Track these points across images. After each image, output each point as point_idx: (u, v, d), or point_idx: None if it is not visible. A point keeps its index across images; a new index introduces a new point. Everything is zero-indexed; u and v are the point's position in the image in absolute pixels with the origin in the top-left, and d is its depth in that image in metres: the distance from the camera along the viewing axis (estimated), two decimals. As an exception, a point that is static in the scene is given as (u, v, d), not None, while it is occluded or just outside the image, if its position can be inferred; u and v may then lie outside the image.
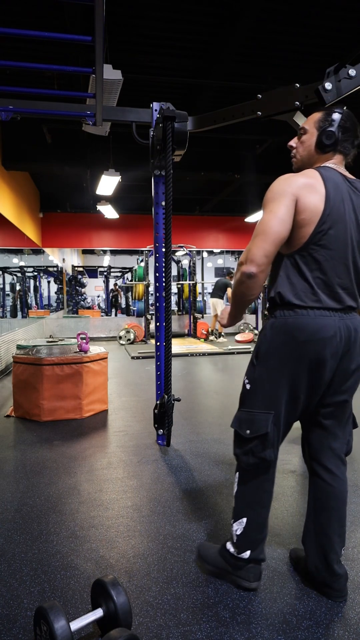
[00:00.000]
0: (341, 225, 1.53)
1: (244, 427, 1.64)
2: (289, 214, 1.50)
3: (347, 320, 1.57)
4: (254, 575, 1.71)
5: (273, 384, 1.60)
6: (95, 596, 1.53)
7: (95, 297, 22.19)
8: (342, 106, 1.70)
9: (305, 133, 1.70)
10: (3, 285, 14.10)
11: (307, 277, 1.54)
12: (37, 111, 3.11)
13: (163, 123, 2.92)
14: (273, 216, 1.49)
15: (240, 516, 1.69)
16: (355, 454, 3.12)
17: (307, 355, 1.54)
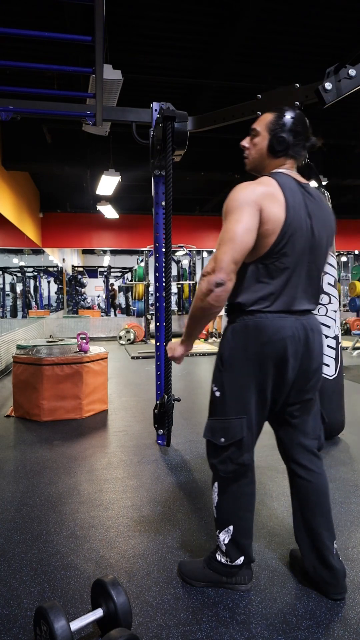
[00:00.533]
0: (299, 233, 1.55)
1: (218, 435, 1.62)
2: (254, 224, 1.49)
3: (303, 321, 1.61)
4: (248, 577, 1.73)
5: (242, 388, 1.60)
6: (95, 596, 1.53)
7: (95, 297, 22.19)
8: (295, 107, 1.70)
9: (257, 135, 1.69)
10: (3, 285, 14.10)
11: (268, 284, 1.56)
12: (37, 111, 3.11)
13: (163, 123, 2.92)
14: (240, 225, 1.48)
15: (226, 525, 1.68)
16: (355, 454, 3.12)
17: (270, 356, 1.56)
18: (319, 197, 1.67)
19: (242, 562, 1.69)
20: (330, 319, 3.25)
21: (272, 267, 1.55)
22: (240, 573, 1.71)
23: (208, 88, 5.38)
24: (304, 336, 1.59)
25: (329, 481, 2.65)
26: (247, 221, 1.48)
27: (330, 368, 3.26)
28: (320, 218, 1.63)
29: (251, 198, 1.50)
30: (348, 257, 17.17)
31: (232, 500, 1.68)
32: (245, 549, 1.69)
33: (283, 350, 1.56)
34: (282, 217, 1.51)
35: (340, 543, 2.02)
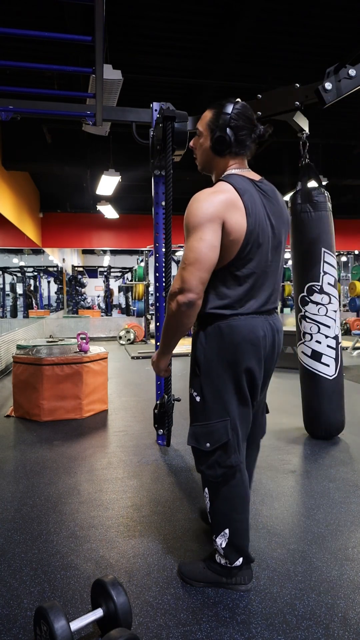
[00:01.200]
0: (261, 236, 1.57)
1: (203, 441, 1.62)
2: (218, 239, 1.50)
3: (271, 321, 1.66)
4: (248, 577, 1.73)
5: (221, 390, 1.60)
6: (95, 596, 1.53)
7: (95, 297, 22.20)
8: (234, 99, 1.63)
9: (201, 136, 1.69)
10: (3, 285, 14.10)
11: (235, 289, 1.57)
12: (37, 111, 3.11)
13: (163, 123, 2.92)
14: (204, 244, 1.48)
15: (222, 529, 1.67)
16: (355, 454, 3.12)
17: (245, 356, 1.58)
18: (273, 192, 1.68)
19: (241, 563, 1.69)
20: (330, 319, 3.25)
21: (238, 273, 1.56)
22: (240, 574, 1.72)
23: (208, 88, 5.38)
24: (271, 335, 1.65)
25: (328, 481, 2.66)
26: (210, 239, 1.48)
27: (330, 368, 3.26)
28: (277, 214, 1.65)
29: (211, 212, 1.49)
30: (348, 257, 17.17)
31: (225, 504, 1.66)
32: (243, 550, 1.69)
33: (257, 349, 1.60)
34: (244, 225, 1.52)
35: (340, 543, 2.02)
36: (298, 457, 3.09)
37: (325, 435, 3.36)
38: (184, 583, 1.76)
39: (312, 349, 3.29)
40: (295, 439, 3.45)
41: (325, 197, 3.26)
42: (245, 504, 1.69)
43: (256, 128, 1.63)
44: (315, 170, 3.37)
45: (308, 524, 2.20)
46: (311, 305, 3.27)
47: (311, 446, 3.28)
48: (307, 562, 1.89)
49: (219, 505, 1.67)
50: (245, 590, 1.71)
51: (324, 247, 3.24)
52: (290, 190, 7.58)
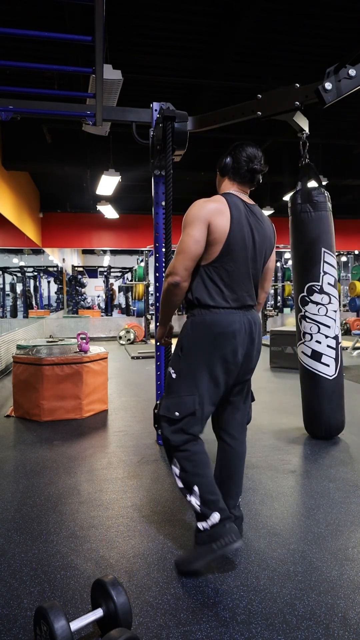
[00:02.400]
0: (242, 243, 1.88)
1: (173, 410, 1.87)
2: (203, 236, 1.83)
3: (248, 316, 1.94)
4: (235, 533, 1.77)
5: (195, 371, 1.88)
6: (95, 596, 1.53)
7: (95, 297, 22.19)
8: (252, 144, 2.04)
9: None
10: (3, 285, 14.09)
11: (218, 283, 1.88)
12: (37, 111, 3.11)
13: (163, 123, 2.92)
14: (190, 238, 1.82)
15: (191, 487, 1.83)
16: (355, 454, 3.12)
17: (222, 345, 1.86)
18: (262, 215, 2.02)
19: (219, 518, 1.78)
20: (330, 319, 3.25)
21: (221, 270, 1.87)
22: (225, 532, 1.76)
23: (208, 88, 5.38)
24: (248, 328, 1.92)
25: (328, 481, 2.66)
26: (196, 234, 1.83)
27: (330, 368, 3.26)
28: (261, 233, 1.97)
29: (202, 214, 1.84)
30: (348, 257, 17.17)
31: (189, 464, 1.86)
32: (215, 503, 1.81)
33: (233, 341, 1.87)
34: (226, 228, 1.84)
35: (340, 543, 2.02)
36: (298, 457, 3.09)
37: (325, 435, 3.36)
38: (184, 582, 1.76)
39: (312, 349, 3.29)
40: (295, 439, 3.45)
41: (325, 197, 3.26)
42: (207, 466, 1.89)
43: (251, 163, 1.98)
44: (315, 170, 3.37)
45: (308, 524, 2.20)
46: (311, 305, 3.27)
47: (311, 446, 3.28)
48: (307, 562, 1.89)
49: (185, 466, 1.86)
50: (239, 548, 1.85)
51: (324, 247, 3.24)
52: (290, 190, 7.59)
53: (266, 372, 6.31)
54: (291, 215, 3.38)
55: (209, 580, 1.77)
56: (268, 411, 4.24)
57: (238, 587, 1.73)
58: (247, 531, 2.13)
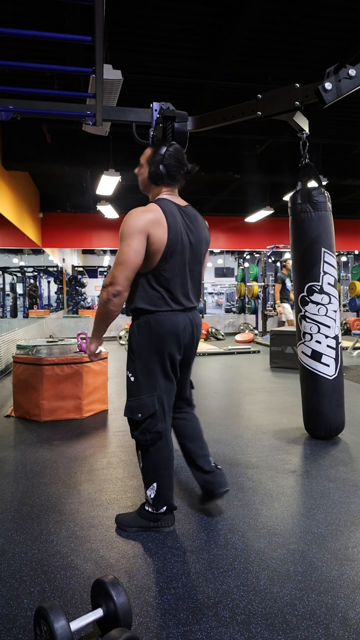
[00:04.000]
0: (180, 249, 2.00)
1: (136, 412, 2.03)
2: (142, 247, 1.92)
3: (190, 316, 2.10)
4: (171, 521, 2.13)
5: (150, 371, 2.03)
6: (95, 596, 1.53)
7: (95, 297, 22.19)
8: (170, 144, 2.11)
9: (141, 167, 2.16)
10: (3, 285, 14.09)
11: (158, 289, 2.00)
12: (37, 111, 3.11)
13: (163, 123, 2.92)
14: (130, 249, 1.91)
15: (151, 482, 2.07)
16: (355, 454, 3.12)
17: (168, 344, 2.02)
18: (195, 215, 2.14)
19: (165, 510, 2.09)
20: (330, 319, 3.25)
21: (161, 277, 1.99)
22: (164, 518, 2.11)
23: (208, 88, 5.38)
24: (191, 328, 2.09)
25: (328, 481, 2.66)
26: (136, 246, 1.91)
27: (330, 368, 3.26)
28: (197, 233, 2.10)
29: (140, 225, 1.92)
30: (348, 257, 17.17)
31: (152, 463, 2.07)
32: (167, 499, 2.09)
33: (178, 339, 2.03)
34: (164, 239, 1.94)
35: (340, 543, 2.02)
36: (298, 457, 3.09)
37: (325, 435, 3.36)
38: (186, 581, 1.76)
39: (312, 349, 3.29)
40: (295, 439, 3.45)
41: (325, 197, 3.26)
42: (170, 462, 2.11)
43: (184, 167, 2.10)
44: (315, 170, 3.37)
45: (308, 524, 2.20)
46: (311, 305, 3.27)
47: (311, 446, 3.28)
48: (307, 562, 1.89)
49: (148, 464, 2.08)
50: (169, 532, 2.10)
51: (324, 247, 3.24)
52: (290, 190, 7.60)
53: (266, 372, 6.31)
54: (291, 215, 3.38)
55: (209, 580, 1.78)
56: (268, 411, 4.24)
57: (238, 587, 1.73)
58: (247, 531, 2.13)
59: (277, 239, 11.26)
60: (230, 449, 3.22)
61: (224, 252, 22.47)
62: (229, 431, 3.64)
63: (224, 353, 8.11)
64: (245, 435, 3.54)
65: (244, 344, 9.16)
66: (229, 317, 11.91)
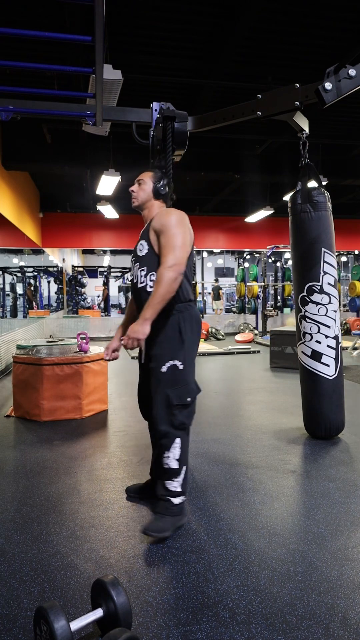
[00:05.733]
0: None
1: (185, 397, 2.11)
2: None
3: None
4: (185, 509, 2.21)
5: (193, 357, 2.19)
6: (95, 596, 1.53)
7: (95, 297, 22.18)
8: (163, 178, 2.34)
9: (144, 183, 2.32)
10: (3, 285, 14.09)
11: (185, 282, 2.16)
12: (37, 111, 3.11)
13: (163, 123, 2.92)
14: (187, 235, 2.10)
15: (183, 467, 2.12)
16: (355, 454, 3.12)
17: (200, 330, 2.22)
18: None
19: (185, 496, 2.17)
20: (330, 319, 3.25)
21: (187, 270, 2.15)
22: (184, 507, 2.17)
23: (208, 88, 5.38)
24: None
25: (328, 481, 2.66)
26: (188, 233, 2.13)
27: (330, 368, 3.26)
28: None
29: (186, 220, 2.15)
30: (348, 257, 17.17)
31: (186, 446, 2.16)
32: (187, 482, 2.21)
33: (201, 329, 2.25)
34: (193, 238, 2.19)
35: (340, 543, 2.02)
36: (298, 457, 3.09)
37: (325, 435, 3.36)
38: (186, 581, 1.76)
39: (312, 349, 3.29)
40: (295, 439, 3.45)
41: (325, 197, 3.26)
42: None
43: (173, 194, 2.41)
44: (315, 170, 3.37)
45: (308, 524, 2.20)
46: (311, 305, 3.27)
47: (311, 446, 3.28)
48: (307, 562, 1.89)
49: (184, 449, 2.13)
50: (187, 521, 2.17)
51: (324, 247, 3.24)
52: (290, 190, 7.59)
53: (266, 372, 6.31)
54: (291, 215, 3.38)
55: (209, 580, 1.78)
56: (268, 411, 4.24)
57: (238, 587, 1.73)
58: (247, 531, 2.13)
59: (277, 239, 11.26)
60: (230, 449, 3.22)
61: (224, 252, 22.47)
62: (229, 431, 3.64)
63: (224, 353, 8.11)
64: (245, 435, 3.54)
65: (244, 344, 9.16)
66: (229, 317, 11.91)
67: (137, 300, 2.28)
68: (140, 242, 2.25)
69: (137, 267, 2.24)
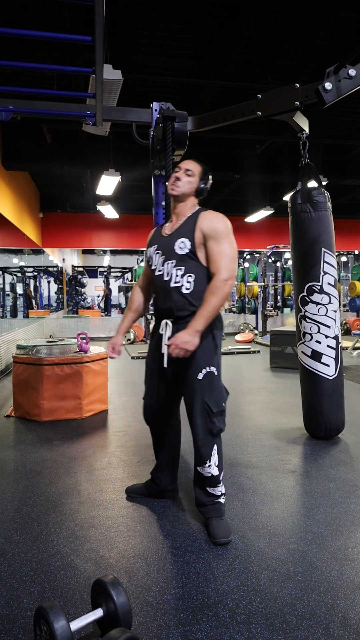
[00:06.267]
0: None
1: (221, 402, 2.11)
2: None
3: None
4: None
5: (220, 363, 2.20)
6: (95, 596, 1.53)
7: (95, 297, 22.19)
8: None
9: (193, 176, 2.16)
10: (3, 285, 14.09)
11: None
12: (37, 111, 3.11)
13: (163, 123, 2.92)
14: (235, 243, 2.09)
15: (222, 471, 2.15)
16: (355, 454, 3.12)
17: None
18: None
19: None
20: (330, 319, 3.25)
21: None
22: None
23: (208, 88, 5.38)
24: None
25: (328, 481, 2.66)
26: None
27: (330, 368, 3.26)
28: None
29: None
30: (348, 257, 17.17)
31: (222, 450, 2.17)
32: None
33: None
34: None
35: (340, 543, 2.02)
36: (298, 457, 3.09)
37: (325, 435, 3.36)
38: (186, 581, 1.76)
39: (312, 349, 3.29)
40: (295, 439, 3.45)
41: (325, 197, 3.26)
42: None
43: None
44: (315, 170, 3.37)
45: (308, 524, 2.20)
46: (311, 305, 3.27)
47: (311, 446, 3.28)
48: (307, 562, 1.89)
49: (221, 452, 2.15)
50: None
51: (324, 247, 3.24)
52: (290, 190, 7.60)
53: (266, 372, 6.31)
54: (291, 215, 3.38)
55: (209, 580, 1.78)
56: (268, 411, 4.24)
57: (238, 587, 1.73)
58: (247, 531, 2.13)
59: (277, 239, 11.26)
60: (230, 449, 3.22)
61: (224, 252, 22.43)
62: (229, 431, 3.63)
63: (224, 353, 8.08)
64: (245, 435, 3.54)
65: (244, 344, 9.16)
66: (229, 317, 11.91)
67: (163, 296, 2.14)
68: (182, 239, 2.08)
69: (171, 264, 2.09)
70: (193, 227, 2.07)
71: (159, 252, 2.17)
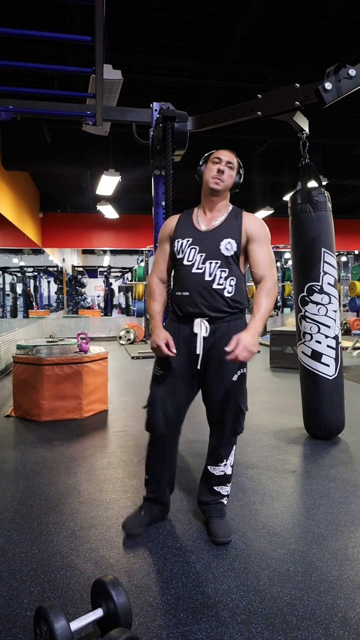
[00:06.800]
0: None
1: (247, 403, 2.11)
2: None
3: None
4: None
5: None
6: (95, 596, 1.53)
7: (95, 297, 22.20)
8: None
9: (233, 169, 2.11)
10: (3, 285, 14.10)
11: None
12: (37, 111, 3.11)
13: (163, 123, 2.92)
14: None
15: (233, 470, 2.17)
16: (355, 454, 3.12)
17: None
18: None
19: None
20: (330, 319, 3.25)
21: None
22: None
23: (208, 88, 5.38)
24: None
25: (328, 481, 2.66)
26: None
27: (330, 368, 3.26)
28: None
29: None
30: (348, 257, 17.17)
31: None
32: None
33: None
34: None
35: (340, 543, 2.03)
36: (298, 457, 3.09)
37: (325, 435, 3.36)
38: (186, 581, 1.76)
39: (312, 349, 3.29)
40: (295, 439, 3.45)
41: (325, 197, 3.26)
42: None
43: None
44: (315, 170, 3.37)
45: (308, 524, 2.20)
46: (311, 305, 3.27)
47: (311, 446, 3.28)
48: (307, 562, 1.89)
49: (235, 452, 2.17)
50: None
51: (324, 247, 3.24)
52: (290, 190, 7.59)
53: (266, 372, 6.31)
54: (291, 215, 3.38)
55: (209, 580, 1.78)
56: (268, 411, 4.24)
57: (238, 587, 1.74)
58: (247, 531, 2.13)
59: (277, 239, 11.25)
60: (230, 449, 3.22)
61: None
62: (229, 431, 3.63)
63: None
64: (245, 435, 3.54)
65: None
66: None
67: (199, 295, 1.99)
68: (229, 240, 1.99)
69: (215, 264, 1.98)
70: (239, 228, 2.01)
71: (195, 247, 2.01)
